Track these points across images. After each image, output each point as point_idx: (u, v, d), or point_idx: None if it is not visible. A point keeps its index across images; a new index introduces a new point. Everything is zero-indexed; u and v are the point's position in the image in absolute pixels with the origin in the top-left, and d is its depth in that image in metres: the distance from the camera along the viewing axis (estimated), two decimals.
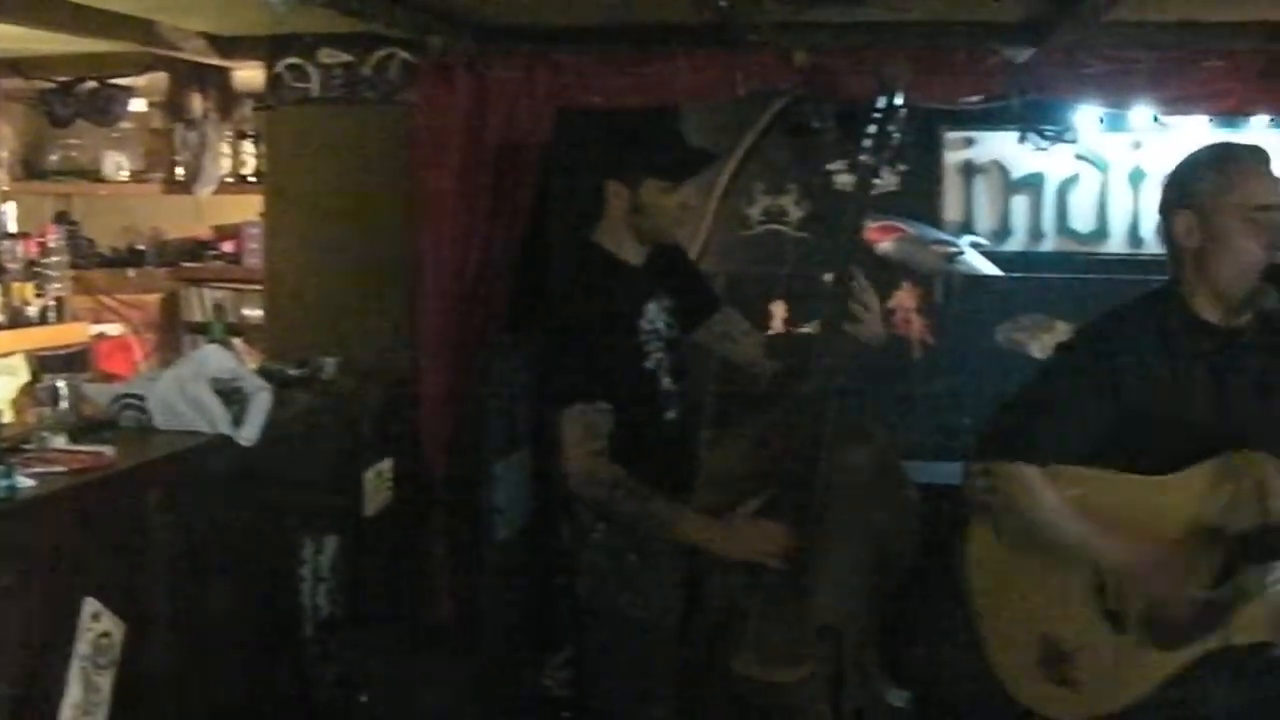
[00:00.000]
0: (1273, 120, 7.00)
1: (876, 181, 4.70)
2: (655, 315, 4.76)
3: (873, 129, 4.67)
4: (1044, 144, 7.67)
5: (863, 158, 4.64)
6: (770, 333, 6.76)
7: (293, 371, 5.72)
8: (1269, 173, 3.93)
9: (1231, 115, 6.95)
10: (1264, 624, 3.79)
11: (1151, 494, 3.93)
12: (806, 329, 4.69)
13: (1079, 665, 4.12)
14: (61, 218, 8.44)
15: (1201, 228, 3.92)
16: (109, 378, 6.16)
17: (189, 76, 7.88)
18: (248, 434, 4.75)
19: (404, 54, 6.33)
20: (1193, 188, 3.99)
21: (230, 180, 8.13)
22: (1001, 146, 7.84)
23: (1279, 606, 3.80)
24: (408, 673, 5.41)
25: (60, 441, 4.27)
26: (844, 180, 4.69)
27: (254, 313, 7.28)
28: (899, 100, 4.66)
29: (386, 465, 5.92)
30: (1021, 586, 4.22)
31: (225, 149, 8.09)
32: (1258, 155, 3.99)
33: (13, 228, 7.68)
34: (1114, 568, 4.00)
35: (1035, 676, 4.21)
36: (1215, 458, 3.84)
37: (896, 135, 4.67)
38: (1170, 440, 3.87)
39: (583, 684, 5.08)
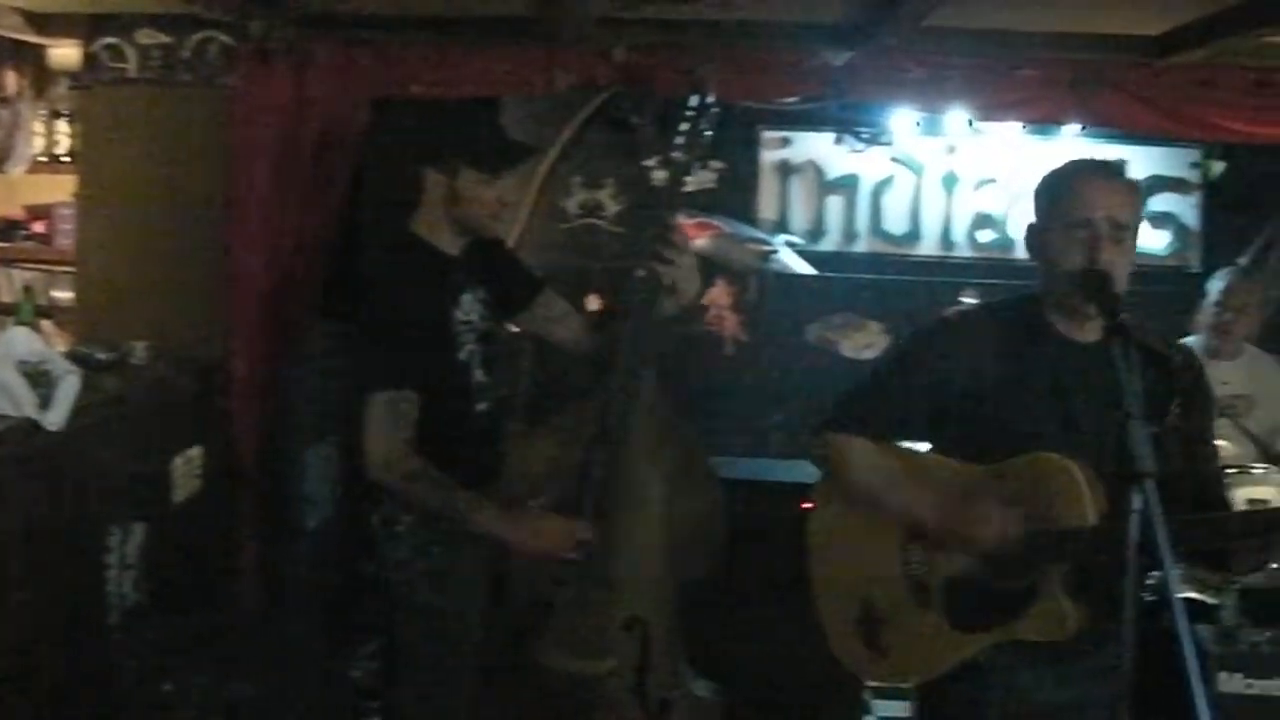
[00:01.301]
0: (1084, 129, 7.13)
1: (688, 179, 4.72)
2: (470, 307, 4.75)
3: (685, 126, 4.69)
4: (860, 146, 7.78)
5: (675, 155, 4.67)
6: (591, 310, 6.76)
7: (102, 355, 5.65)
8: (1104, 185, 3.92)
9: (1044, 123, 7.09)
10: (1053, 623, 3.85)
11: (968, 480, 4.00)
12: (622, 307, 4.70)
13: (888, 632, 4.18)
14: None
15: (1037, 243, 3.99)
16: None
17: (2, 53, 7.75)
18: (54, 418, 4.69)
19: (224, 37, 6.27)
20: (1036, 205, 4.06)
21: (43, 159, 7.99)
22: (818, 147, 7.93)
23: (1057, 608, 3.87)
24: (214, 662, 5.37)
25: None
26: (660, 176, 4.69)
27: (64, 295, 7.15)
28: (711, 98, 4.69)
29: (196, 452, 5.87)
30: (848, 549, 4.28)
31: (39, 128, 7.94)
32: (1100, 169, 4.00)
33: None
34: (917, 531, 4.06)
35: (851, 637, 4.27)
36: (1021, 456, 3.91)
37: (709, 133, 4.70)
38: (1002, 436, 3.93)
39: (390, 675, 5.06)
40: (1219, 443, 4.25)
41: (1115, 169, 4.03)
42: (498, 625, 4.83)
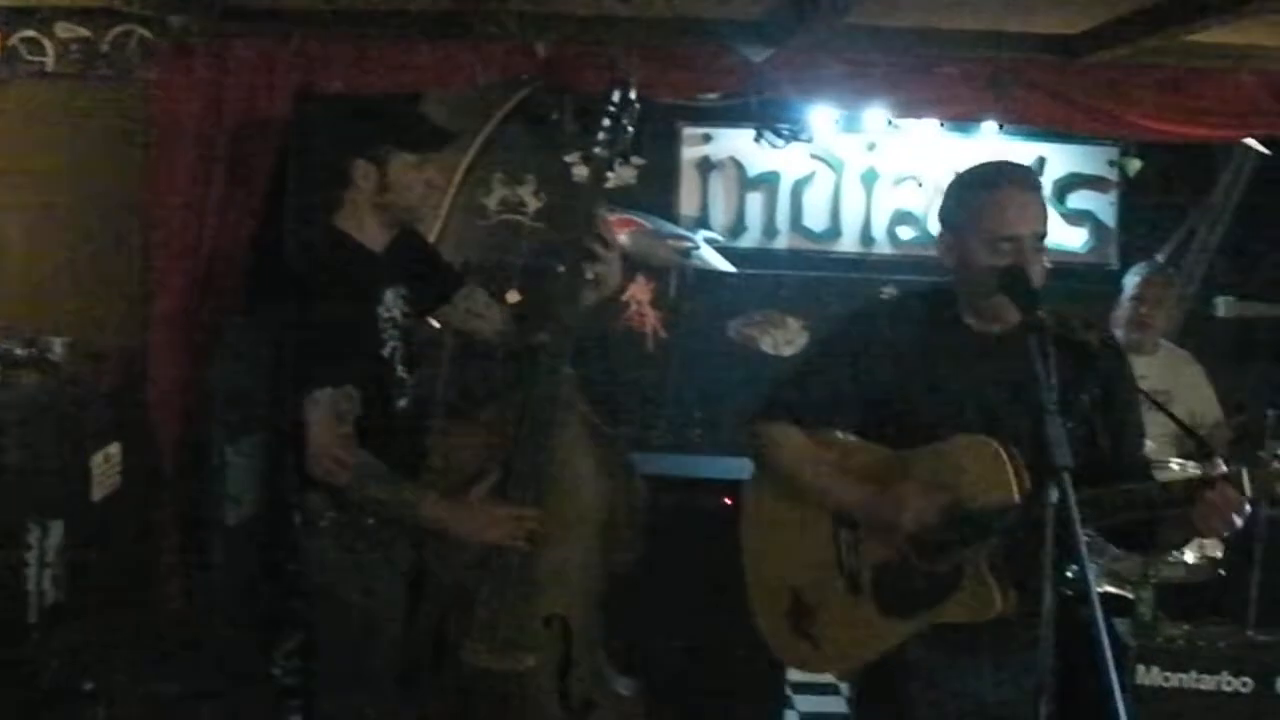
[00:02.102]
0: (1002, 126, 7.18)
1: (610, 175, 4.73)
2: (393, 303, 4.73)
3: (606, 123, 4.70)
4: (780, 143, 7.78)
5: (596, 151, 4.68)
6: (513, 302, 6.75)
7: (19, 351, 5.61)
8: (1024, 199, 3.97)
9: (963, 120, 7.13)
10: (981, 603, 3.87)
11: (893, 465, 4.03)
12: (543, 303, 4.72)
13: (818, 621, 4.21)
14: None
15: (955, 249, 4.02)
16: None
17: None
18: None
19: (143, 31, 6.23)
20: (950, 210, 4.09)
21: None
22: (738, 144, 7.93)
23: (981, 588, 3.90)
24: (135, 660, 5.34)
25: None
26: (581, 172, 4.70)
27: None
28: (633, 95, 4.70)
29: (115, 449, 5.83)
30: (779, 539, 4.31)
31: None
32: (1017, 179, 4.03)
33: None
34: (847, 518, 4.09)
35: (783, 627, 4.30)
36: (940, 441, 3.94)
37: (630, 129, 4.71)
38: (924, 422, 3.95)
39: (311, 672, 5.04)
40: None
41: (1032, 179, 4.09)
42: (419, 623, 4.82)
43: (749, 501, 4.46)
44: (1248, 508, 3.65)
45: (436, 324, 5.38)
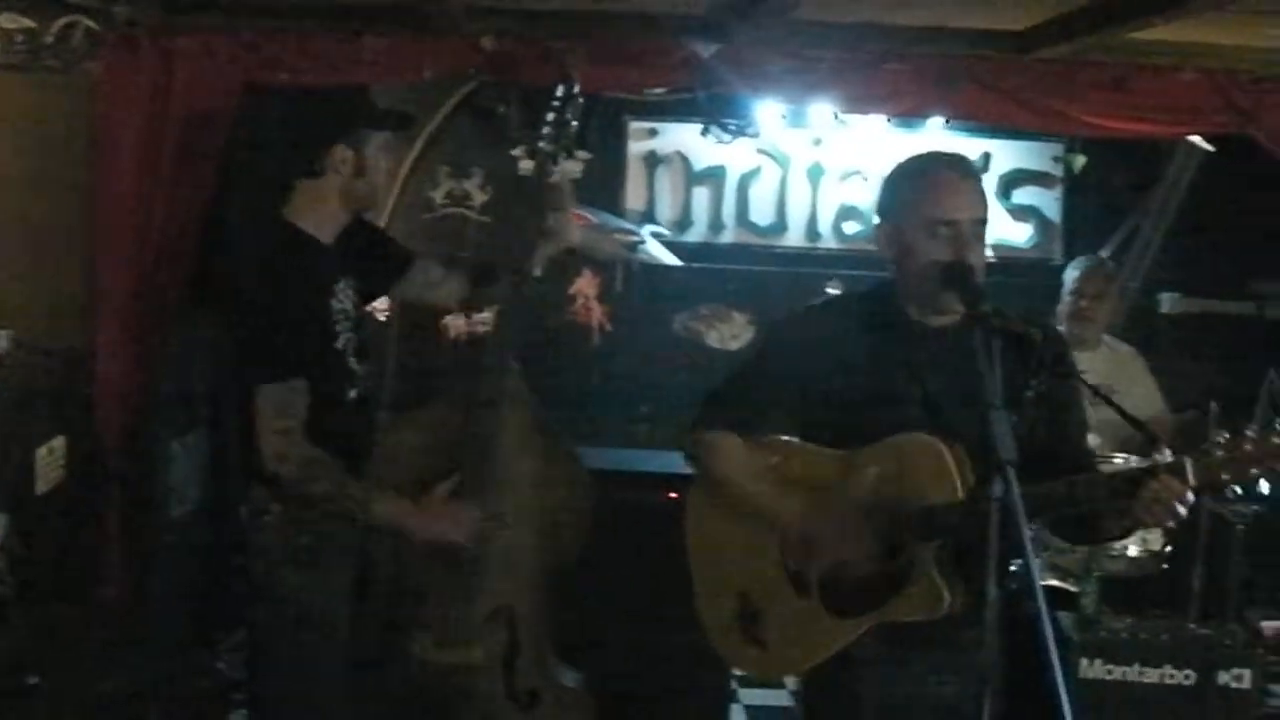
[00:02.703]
0: (948, 122, 7.21)
1: (555, 168, 4.74)
2: (344, 295, 4.72)
3: (552, 116, 4.72)
4: (726, 137, 7.80)
5: (542, 144, 4.69)
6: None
7: None
8: (961, 186, 3.99)
9: (909, 116, 7.16)
10: (930, 600, 3.88)
11: (837, 467, 4.04)
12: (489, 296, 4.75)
13: (767, 625, 4.21)
14: None
15: (895, 239, 4.03)
16: None
17: None
18: None
19: (89, 22, 6.18)
20: (888, 201, 4.11)
21: None
22: (684, 138, 7.96)
23: (931, 585, 3.91)
24: (79, 654, 5.33)
25: None
26: (527, 166, 4.71)
27: None
28: (579, 89, 4.71)
29: (59, 442, 5.80)
30: (724, 545, 4.30)
31: None
32: (954, 166, 4.07)
33: None
34: (789, 529, 4.10)
35: (731, 633, 4.29)
36: (885, 439, 3.95)
37: (576, 123, 4.72)
38: (866, 422, 3.96)
39: (256, 666, 5.03)
40: None
41: (969, 166, 4.12)
42: (366, 616, 4.82)
43: (692, 508, 4.45)
44: (1191, 497, 3.67)
45: (382, 316, 5.37)
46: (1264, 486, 3.71)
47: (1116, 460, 5.78)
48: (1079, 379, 4.23)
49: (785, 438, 4.25)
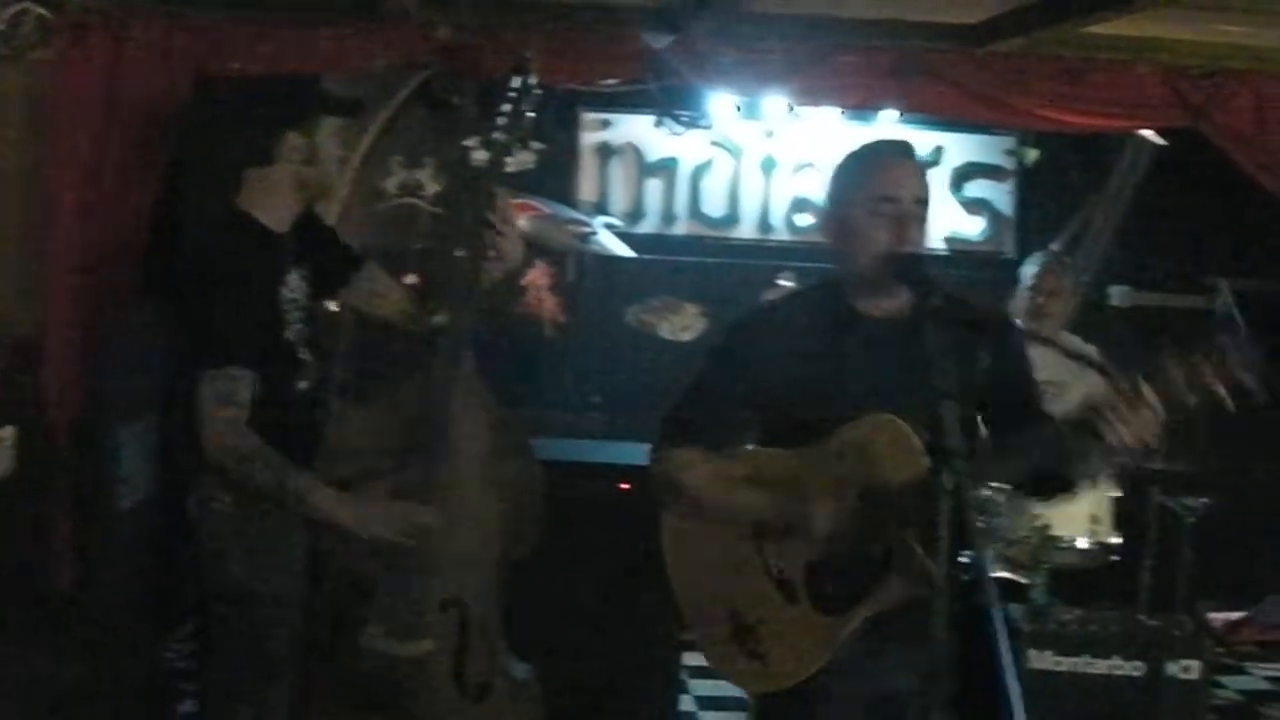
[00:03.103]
0: (902, 115, 7.22)
1: (509, 159, 4.73)
2: (296, 285, 4.71)
3: (506, 107, 4.71)
4: (680, 129, 7.80)
5: (495, 135, 4.68)
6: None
7: None
8: (901, 165, 4.03)
9: (863, 108, 7.16)
10: (918, 578, 3.88)
11: (805, 464, 4.03)
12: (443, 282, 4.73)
13: (762, 637, 4.18)
14: None
15: (838, 224, 4.05)
16: None
17: None
18: None
19: (40, 10, 6.13)
20: (834, 188, 4.14)
21: None
22: (638, 129, 7.98)
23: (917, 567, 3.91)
24: (27, 644, 5.30)
25: None
26: (480, 157, 4.69)
27: None
28: (533, 79, 4.71)
29: (8, 431, 5.77)
30: (708, 564, 4.28)
31: None
32: (894, 149, 4.12)
33: None
34: (770, 527, 4.09)
35: (730, 651, 4.25)
36: (843, 426, 3.96)
37: (530, 114, 4.72)
38: (823, 418, 3.96)
39: (205, 656, 5.01)
40: None
41: (909, 149, 4.15)
42: (316, 607, 4.80)
43: (669, 533, 4.42)
44: (1159, 412, 3.69)
45: (335, 307, 5.35)
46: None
47: None
48: (1027, 353, 4.25)
49: (751, 447, 4.24)
